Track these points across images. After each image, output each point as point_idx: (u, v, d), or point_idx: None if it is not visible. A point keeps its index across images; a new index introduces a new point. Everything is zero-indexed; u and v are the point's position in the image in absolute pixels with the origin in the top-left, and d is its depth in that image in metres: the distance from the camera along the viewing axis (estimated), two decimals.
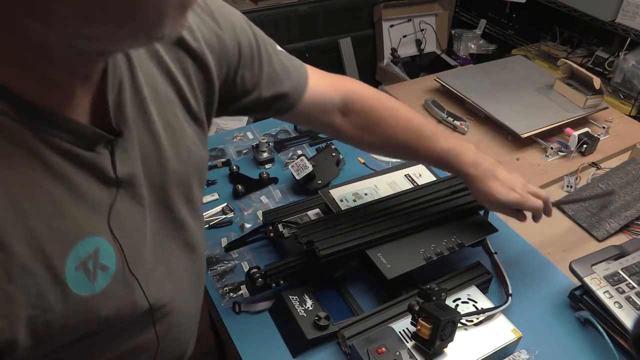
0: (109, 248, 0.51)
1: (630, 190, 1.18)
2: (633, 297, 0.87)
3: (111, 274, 0.52)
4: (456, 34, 2.82)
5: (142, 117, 0.55)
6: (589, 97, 1.42)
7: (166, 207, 0.60)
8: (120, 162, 0.51)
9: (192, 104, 0.62)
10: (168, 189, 0.59)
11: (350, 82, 0.86)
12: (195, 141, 0.64)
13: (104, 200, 0.51)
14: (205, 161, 0.68)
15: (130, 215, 0.54)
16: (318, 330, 0.82)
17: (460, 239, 0.91)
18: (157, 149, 0.57)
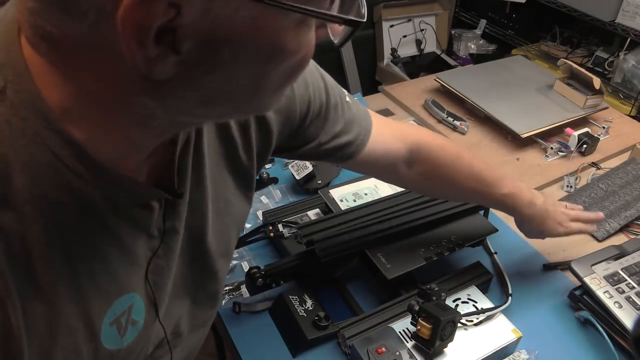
0: (141, 303, 0.50)
1: (630, 190, 1.18)
2: (633, 297, 0.87)
3: (139, 328, 0.51)
4: (456, 34, 2.81)
5: (196, 173, 0.53)
6: (589, 97, 1.42)
7: (201, 259, 0.59)
8: (169, 217, 0.50)
9: (243, 159, 0.60)
10: (206, 242, 0.58)
11: (416, 130, 0.84)
12: (236, 194, 0.61)
13: (145, 255, 0.49)
14: (245, 216, 0.66)
15: (165, 266, 0.52)
16: (318, 330, 0.82)
17: (460, 239, 0.91)
18: (203, 201, 0.55)
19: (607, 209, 1.14)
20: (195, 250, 0.57)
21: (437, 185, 0.84)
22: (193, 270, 0.58)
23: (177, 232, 0.52)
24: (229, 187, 0.60)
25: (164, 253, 0.51)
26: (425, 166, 0.81)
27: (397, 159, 0.80)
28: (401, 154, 0.80)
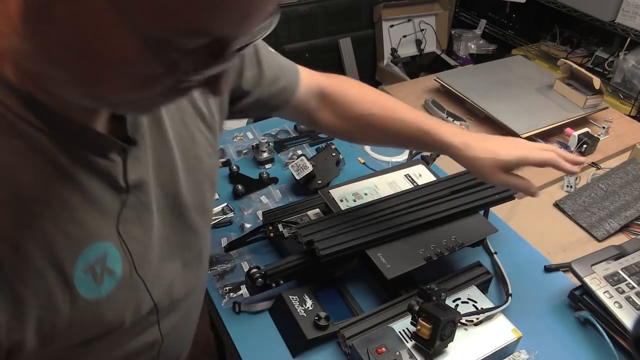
0: (116, 253, 0.52)
1: (630, 190, 1.19)
2: (633, 297, 0.87)
3: (117, 278, 0.52)
4: (456, 34, 2.82)
5: (156, 127, 0.56)
6: (589, 97, 1.42)
7: (179, 215, 0.61)
8: (132, 169, 0.52)
9: (205, 111, 0.64)
10: (181, 197, 0.60)
11: (332, 76, 0.88)
12: (206, 148, 0.64)
13: (114, 206, 0.51)
14: (216, 168, 0.68)
15: (138, 220, 0.54)
16: (318, 330, 0.82)
17: (460, 239, 0.91)
18: (170, 157, 0.58)
19: (607, 209, 1.14)
20: (172, 207, 0.59)
21: (352, 125, 0.85)
22: (175, 229, 0.61)
23: (145, 185, 0.54)
24: (196, 144, 0.63)
25: (135, 207, 0.53)
26: (333, 106, 0.85)
27: (317, 100, 0.85)
28: (321, 94, 0.85)
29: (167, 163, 0.58)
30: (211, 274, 0.96)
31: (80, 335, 0.51)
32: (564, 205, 1.17)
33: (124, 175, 0.51)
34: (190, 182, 0.62)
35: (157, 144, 0.56)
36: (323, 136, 1.34)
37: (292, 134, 1.35)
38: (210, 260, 0.98)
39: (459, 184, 1.00)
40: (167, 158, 0.58)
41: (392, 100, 0.87)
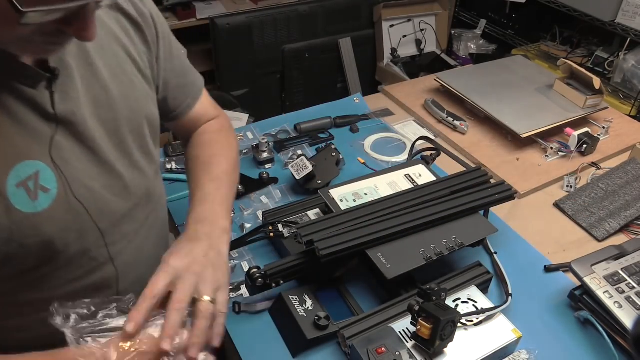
0: (50, 173, 0.59)
1: (630, 190, 1.19)
2: (633, 297, 0.87)
3: (53, 196, 0.59)
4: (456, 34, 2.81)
5: (88, 68, 0.63)
6: (589, 97, 1.42)
7: (123, 151, 0.68)
8: (60, 101, 0.59)
9: (139, 61, 0.71)
10: (122, 134, 0.67)
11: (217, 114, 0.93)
12: (145, 95, 0.72)
13: (45, 133, 0.58)
14: (155, 117, 0.75)
15: (73, 149, 0.61)
16: (318, 330, 0.82)
17: (460, 239, 0.91)
18: (108, 96, 0.65)
19: (607, 209, 1.14)
20: (115, 144, 0.67)
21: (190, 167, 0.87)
22: (119, 165, 0.67)
23: (78, 118, 0.61)
24: (136, 88, 0.70)
25: (69, 136, 0.61)
26: (187, 148, 0.90)
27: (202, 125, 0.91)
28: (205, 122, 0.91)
29: (104, 102, 0.64)
30: None
31: (23, 250, 0.57)
32: (564, 205, 1.17)
33: (52, 105, 0.58)
34: (132, 123, 0.69)
35: (90, 83, 0.63)
36: (323, 136, 1.34)
37: (292, 134, 1.35)
38: None
39: (459, 184, 1.00)
40: (103, 97, 0.64)
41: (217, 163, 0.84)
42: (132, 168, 0.70)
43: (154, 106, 0.75)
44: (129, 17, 0.70)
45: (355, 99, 1.53)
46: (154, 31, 0.74)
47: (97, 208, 0.65)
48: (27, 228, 0.57)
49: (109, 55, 0.66)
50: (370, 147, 1.32)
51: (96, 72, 0.64)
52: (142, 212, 0.74)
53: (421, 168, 1.11)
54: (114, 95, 0.66)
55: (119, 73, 0.67)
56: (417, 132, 1.41)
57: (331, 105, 1.49)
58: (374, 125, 1.41)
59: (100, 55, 0.65)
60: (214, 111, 0.93)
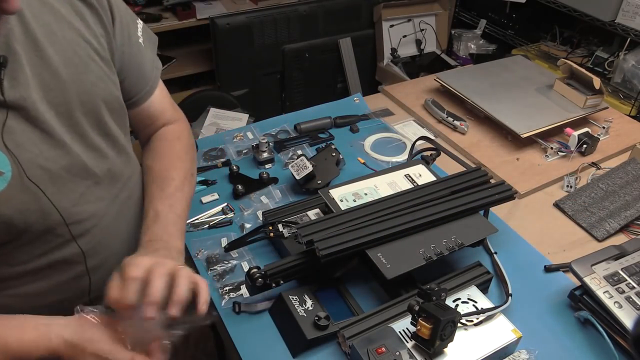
0: (3, 157, 0.62)
1: (630, 190, 1.18)
2: (633, 297, 0.87)
3: (7, 179, 0.62)
4: (456, 34, 2.81)
5: (37, 54, 0.64)
6: (589, 97, 1.42)
7: (77, 133, 0.70)
8: (9, 87, 0.61)
9: (95, 44, 0.72)
10: (75, 117, 0.69)
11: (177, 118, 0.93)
12: (103, 77, 0.73)
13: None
14: (116, 98, 0.76)
15: (26, 133, 0.64)
16: (318, 330, 0.82)
17: (460, 239, 0.91)
18: (58, 80, 0.66)
19: (607, 209, 1.14)
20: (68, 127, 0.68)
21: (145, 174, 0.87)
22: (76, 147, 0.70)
23: (26, 101, 0.63)
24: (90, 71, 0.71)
25: (21, 121, 0.63)
26: (144, 153, 0.90)
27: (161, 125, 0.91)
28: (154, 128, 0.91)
29: (54, 87, 0.66)
30: (211, 274, 0.96)
31: None
32: (564, 205, 1.17)
33: (1, 91, 0.60)
34: (86, 106, 0.70)
35: (39, 68, 0.64)
36: (323, 136, 1.34)
37: (292, 134, 1.35)
38: (211, 260, 0.98)
39: (459, 184, 1.00)
40: (53, 82, 0.66)
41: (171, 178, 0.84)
42: (90, 149, 0.72)
43: (115, 88, 0.76)
44: (82, 0, 0.71)
45: (355, 99, 1.53)
46: (110, 14, 0.75)
47: (55, 188, 0.68)
48: None
49: (60, 40, 0.67)
50: (370, 147, 1.32)
51: (45, 57, 0.65)
52: (106, 192, 0.76)
53: (421, 168, 1.11)
54: (65, 79, 0.67)
55: (72, 56, 0.68)
56: (417, 132, 1.41)
57: (331, 105, 1.49)
58: (374, 125, 1.41)
59: (50, 41, 0.66)
60: (174, 113, 0.93)
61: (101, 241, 0.77)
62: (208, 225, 1.06)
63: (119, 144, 0.79)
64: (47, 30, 0.66)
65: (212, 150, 1.27)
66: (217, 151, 1.27)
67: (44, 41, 0.65)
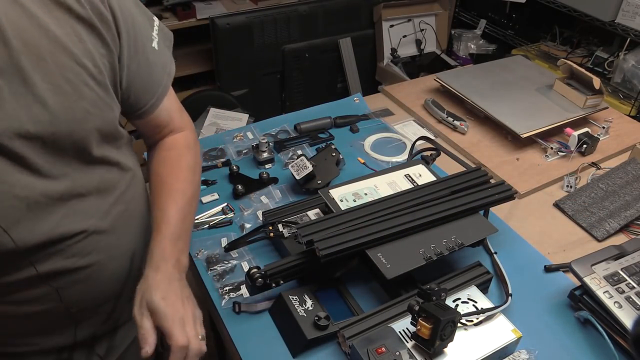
0: None
1: (630, 190, 1.18)
2: (633, 297, 0.87)
3: None
4: (456, 34, 2.82)
5: (22, 84, 0.61)
6: (589, 97, 1.42)
7: (62, 162, 0.68)
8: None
9: (90, 67, 0.67)
10: (62, 145, 0.67)
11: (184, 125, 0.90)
12: (96, 103, 0.69)
13: None
14: (108, 122, 0.73)
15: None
16: (318, 330, 0.82)
17: (460, 239, 0.91)
18: (46, 111, 0.63)
19: (607, 209, 1.14)
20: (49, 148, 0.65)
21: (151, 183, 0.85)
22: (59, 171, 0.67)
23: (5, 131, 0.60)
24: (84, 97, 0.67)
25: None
26: (152, 160, 0.87)
27: (168, 132, 0.88)
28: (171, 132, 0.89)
29: (42, 118, 0.63)
30: (211, 274, 0.96)
31: None
32: (564, 205, 1.17)
33: None
34: (74, 135, 0.67)
35: (24, 100, 0.61)
36: (323, 136, 1.34)
37: (292, 134, 1.35)
38: (210, 260, 0.98)
39: (459, 184, 1.00)
40: (40, 113, 0.63)
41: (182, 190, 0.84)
42: (73, 173, 0.70)
43: (110, 112, 0.73)
44: (81, 20, 0.66)
45: (355, 99, 1.53)
46: (115, 31, 0.70)
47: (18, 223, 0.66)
48: None
49: (50, 66, 0.63)
50: (370, 147, 1.32)
51: (30, 85, 0.62)
52: (97, 210, 0.74)
53: (421, 168, 1.11)
54: (54, 109, 0.64)
55: (62, 84, 0.65)
56: (417, 132, 1.41)
57: (331, 105, 1.49)
58: (374, 125, 1.41)
59: (38, 68, 0.62)
60: (181, 121, 0.89)
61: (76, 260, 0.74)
62: (208, 225, 1.06)
63: (110, 163, 0.76)
64: (36, 57, 0.62)
65: (212, 150, 1.27)
66: (217, 151, 1.27)
67: (29, 68, 0.62)
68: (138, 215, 0.84)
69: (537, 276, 1.00)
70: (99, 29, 0.67)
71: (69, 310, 0.76)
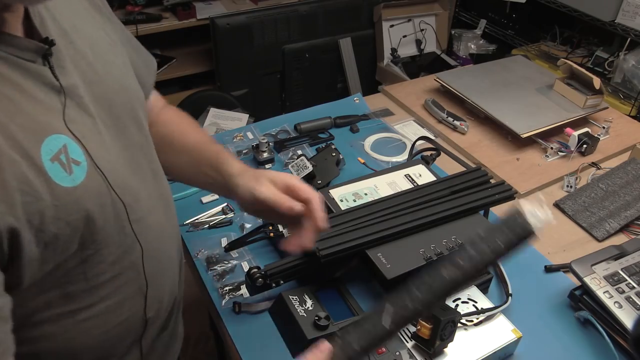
0: (75, 145, 0.57)
1: (630, 190, 1.18)
2: (633, 297, 0.87)
3: (84, 168, 0.58)
4: (456, 34, 2.82)
5: (70, 46, 0.61)
6: (589, 97, 1.42)
7: (120, 129, 0.66)
8: (60, 73, 0.57)
9: (113, 37, 0.70)
10: (116, 112, 0.66)
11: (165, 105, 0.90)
12: (126, 70, 0.71)
13: (57, 105, 0.57)
14: (140, 90, 0.73)
15: (83, 121, 0.60)
16: (318, 330, 0.82)
17: (460, 239, 0.91)
18: (95, 73, 0.63)
19: (607, 209, 1.14)
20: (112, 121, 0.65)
21: (165, 151, 0.81)
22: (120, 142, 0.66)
23: (77, 88, 0.59)
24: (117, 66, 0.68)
25: (74, 107, 0.59)
26: (160, 126, 0.85)
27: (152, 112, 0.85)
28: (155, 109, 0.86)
29: (93, 79, 0.63)
30: (211, 274, 0.96)
31: (68, 229, 0.56)
32: (564, 205, 1.17)
33: (55, 77, 0.57)
34: (122, 99, 0.67)
35: (76, 60, 0.61)
36: (323, 136, 1.34)
37: (292, 134, 1.35)
38: (211, 260, 0.98)
39: (459, 184, 1.00)
40: (91, 74, 0.63)
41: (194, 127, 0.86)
42: (133, 147, 0.68)
43: (136, 80, 0.73)
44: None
45: (355, 99, 1.53)
46: (106, 12, 0.72)
47: (118, 181, 0.63)
48: (70, 203, 0.55)
49: (84, 34, 0.65)
50: (370, 147, 1.32)
51: (78, 49, 0.62)
52: (153, 189, 0.72)
53: (421, 168, 1.10)
54: (100, 72, 0.64)
55: (98, 50, 0.65)
56: (417, 132, 1.41)
57: (331, 105, 1.49)
58: (374, 125, 1.41)
59: (77, 35, 0.63)
60: (162, 100, 0.90)
61: (155, 244, 0.71)
62: (208, 225, 1.06)
63: (149, 139, 0.74)
64: (71, 24, 0.63)
65: None
66: None
67: (73, 34, 0.62)
68: (171, 204, 0.80)
69: (537, 276, 1.00)
70: (100, 7, 0.71)
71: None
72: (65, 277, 0.60)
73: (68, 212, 0.55)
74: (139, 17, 2.30)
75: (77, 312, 0.63)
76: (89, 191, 0.57)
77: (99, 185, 0.59)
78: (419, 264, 0.86)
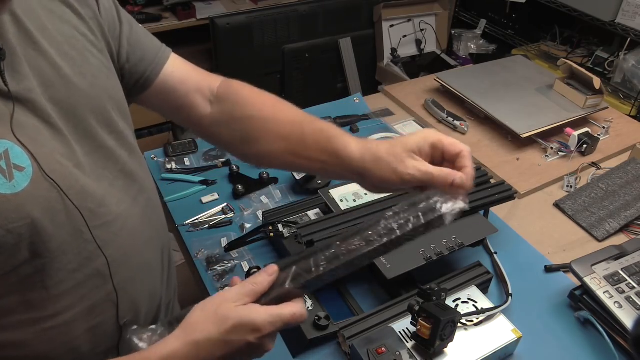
0: (20, 151, 0.56)
1: (630, 190, 1.18)
2: (633, 297, 0.87)
3: (29, 174, 0.56)
4: (456, 34, 2.81)
5: (33, 47, 0.60)
6: (589, 97, 1.42)
7: (85, 133, 0.64)
8: (12, 79, 0.56)
9: (90, 37, 0.67)
10: (81, 114, 0.63)
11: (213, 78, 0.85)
12: (102, 70, 0.68)
13: (4, 111, 0.56)
14: (117, 91, 0.70)
15: (36, 128, 0.58)
16: (318, 330, 0.82)
17: (460, 239, 0.91)
18: (59, 75, 0.61)
19: (607, 209, 1.14)
20: (75, 125, 0.63)
21: (241, 130, 0.76)
22: (87, 147, 0.64)
23: (30, 94, 0.58)
24: (91, 64, 0.66)
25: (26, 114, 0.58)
26: (230, 104, 0.79)
27: (197, 90, 0.80)
28: (203, 85, 0.81)
29: (56, 82, 0.61)
30: (211, 274, 0.96)
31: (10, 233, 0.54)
32: (564, 205, 1.17)
33: (4, 83, 0.55)
34: (92, 102, 0.65)
35: (37, 62, 0.60)
36: None
37: None
38: (211, 260, 0.98)
39: None
40: (54, 77, 0.61)
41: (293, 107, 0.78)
42: (101, 150, 0.66)
43: (116, 81, 0.70)
44: None
45: (355, 99, 1.53)
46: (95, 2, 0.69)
47: (73, 187, 0.61)
48: (10, 211, 0.54)
49: (54, 34, 0.62)
50: None
51: (42, 51, 0.60)
52: (125, 193, 0.69)
53: None
54: (67, 74, 0.62)
55: (68, 50, 0.63)
56: None
57: (331, 105, 1.49)
58: (374, 125, 1.41)
59: (44, 35, 0.61)
60: (206, 75, 0.84)
61: (127, 250, 0.68)
62: (208, 225, 1.06)
63: (127, 143, 0.72)
64: (39, 24, 0.61)
65: (212, 150, 1.27)
66: (217, 151, 1.27)
67: (38, 34, 0.60)
68: (156, 208, 0.78)
69: (537, 276, 1.00)
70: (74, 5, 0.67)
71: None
72: (22, 285, 0.59)
73: (8, 219, 0.54)
74: (139, 17, 2.30)
75: (42, 320, 0.62)
76: (35, 198, 0.56)
77: (47, 191, 0.58)
78: (419, 264, 0.86)
